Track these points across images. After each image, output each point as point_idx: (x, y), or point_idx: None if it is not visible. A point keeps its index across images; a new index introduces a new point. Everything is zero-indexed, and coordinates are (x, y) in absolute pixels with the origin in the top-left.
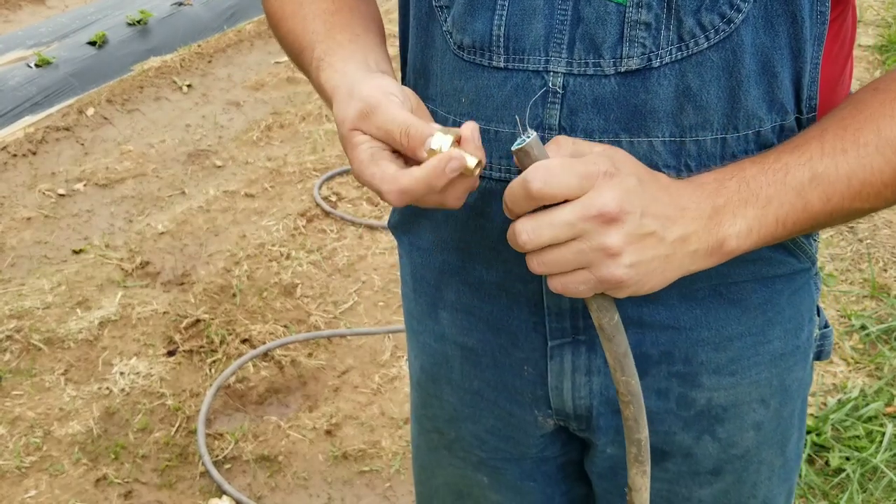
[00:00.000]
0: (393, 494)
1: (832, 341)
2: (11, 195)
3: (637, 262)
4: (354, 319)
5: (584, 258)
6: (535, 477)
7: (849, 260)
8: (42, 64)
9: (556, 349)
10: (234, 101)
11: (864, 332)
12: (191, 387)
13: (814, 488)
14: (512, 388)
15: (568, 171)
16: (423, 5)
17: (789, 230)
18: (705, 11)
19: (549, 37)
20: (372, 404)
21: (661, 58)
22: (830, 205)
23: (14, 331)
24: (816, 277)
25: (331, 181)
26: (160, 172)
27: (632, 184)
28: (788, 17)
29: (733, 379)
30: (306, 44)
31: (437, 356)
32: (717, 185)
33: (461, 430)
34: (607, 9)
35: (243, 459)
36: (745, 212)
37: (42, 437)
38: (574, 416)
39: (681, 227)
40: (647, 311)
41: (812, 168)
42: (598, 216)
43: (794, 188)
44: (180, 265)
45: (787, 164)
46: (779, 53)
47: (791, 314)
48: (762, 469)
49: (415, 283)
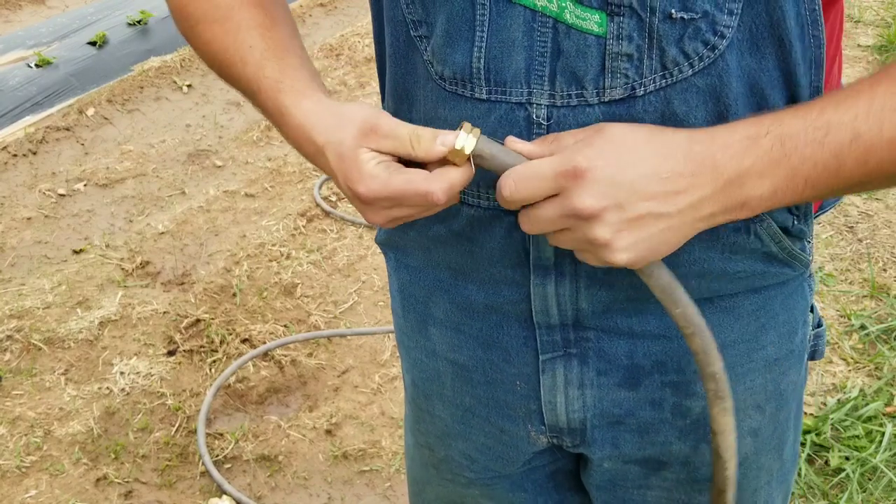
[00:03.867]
0: (393, 494)
1: (825, 340)
2: (12, 195)
3: (633, 244)
4: (354, 319)
5: (581, 245)
6: (525, 487)
7: (848, 260)
8: (42, 64)
9: (548, 363)
10: (235, 101)
11: (864, 332)
12: (191, 386)
13: (813, 488)
14: (504, 403)
15: (536, 175)
16: (401, 34)
17: (817, 192)
18: (688, 40)
19: (530, 69)
20: (372, 404)
21: (646, 86)
22: (867, 167)
23: (14, 330)
24: (810, 279)
25: (331, 181)
26: (160, 172)
27: (605, 175)
28: (775, 40)
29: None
30: (241, 57)
31: (428, 372)
32: (748, 142)
33: (451, 448)
34: (587, 41)
35: (243, 459)
36: (773, 171)
37: (42, 437)
38: (568, 431)
39: (689, 195)
40: (637, 322)
41: (855, 128)
42: (576, 215)
43: (832, 150)
44: (180, 265)
45: (829, 122)
46: (767, 75)
47: (785, 319)
48: (761, 474)
49: (403, 299)
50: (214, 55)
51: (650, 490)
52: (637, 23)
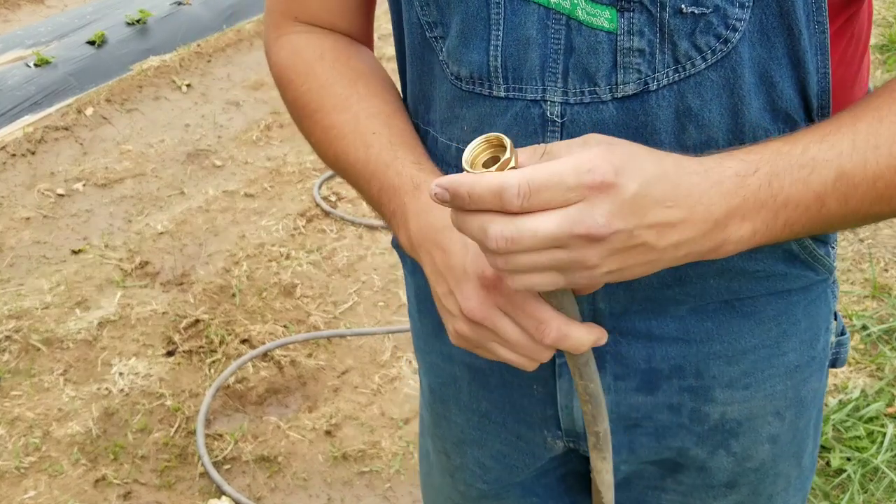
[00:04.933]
0: (393, 495)
1: (848, 348)
2: (10, 195)
3: (615, 270)
4: (354, 319)
5: (558, 265)
6: (537, 492)
7: (850, 260)
8: (41, 63)
9: (565, 366)
10: (234, 100)
11: (865, 333)
12: (190, 387)
13: (815, 489)
14: (521, 408)
15: (556, 184)
16: (417, 36)
17: (795, 233)
18: (700, 34)
19: (545, 66)
20: (372, 405)
21: (659, 81)
22: (847, 207)
23: (13, 331)
24: (834, 285)
25: (330, 181)
26: (159, 172)
27: (630, 193)
28: (784, 29)
29: (747, 392)
30: (367, 144)
31: (444, 376)
32: (738, 181)
33: (465, 455)
34: (598, 38)
35: (243, 460)
36: (757, 214)
37: (41, 438)
38: (585, 436)
39: (678, 233)
40: (655, 325)
41: (840, 166)
42: (585, 236)
43: (815, 190)
44: (180, 265)
45: (814, 158)
46: (776, 64)
47: (807, 325)
48: (778, 481)
49: (419, 303)
50: (331, 141)
51: (665, 493)
52: (648, 18)
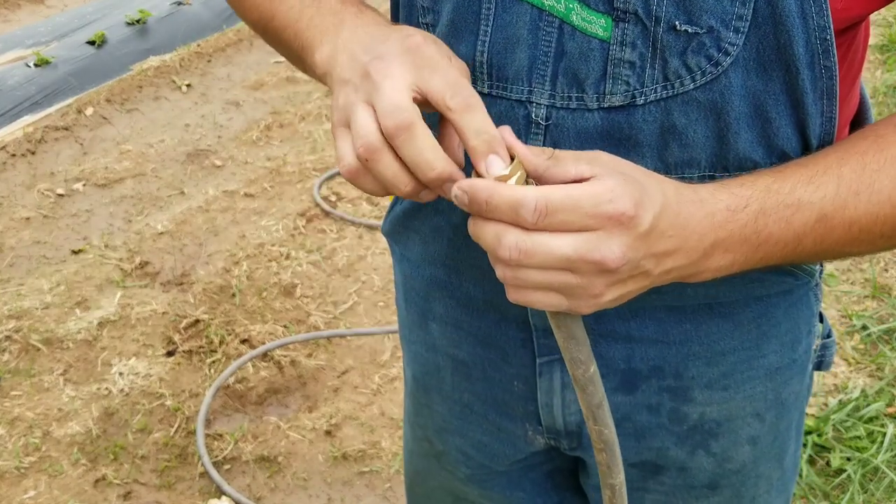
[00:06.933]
0: (393, 495)
1: (834, 351)
2: (10, 195)
3: (616, 298)
4: (354, 319)
5: (565, 287)
6: (524, 486)
7: (850, 260)
8: (41, 63)
9: (545, 366)
10: (234, 100)
11: (865, 333)
12: (190, 387)
13: (815, 489)
14: (502, 402)
15: (571, 208)
16: (411, 21)
17: (768, 264)
18: (691, 53)
19: (533, 68)
20: (372, 405)
21: (646, 95)
22: (822, 247)
23: (13, 331)
24: (817, 288)
25: (330, 181)
26: (159, 172)
27: (645, 227)
28: (782, 65)
29: (726, 393)
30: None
31: (428, 366)
32: (728, 215)
33: (448, 443)
34: (590, 45)
35: (243, 460)
36: (738, 248)
37: (41, 438)
38: (565, 434)
39: (672, 261)
40: (634, 326)
41: (821, 209)
42: (599, 263)
43: (796, 230)
44: (179, 265)
45: (799, 199)
46: (773, 99)
47: (788, 328)
48: (760, 483)
49: (405, 292)
50: (262, 16)
51: (648, 493)
52: (641, 31)
